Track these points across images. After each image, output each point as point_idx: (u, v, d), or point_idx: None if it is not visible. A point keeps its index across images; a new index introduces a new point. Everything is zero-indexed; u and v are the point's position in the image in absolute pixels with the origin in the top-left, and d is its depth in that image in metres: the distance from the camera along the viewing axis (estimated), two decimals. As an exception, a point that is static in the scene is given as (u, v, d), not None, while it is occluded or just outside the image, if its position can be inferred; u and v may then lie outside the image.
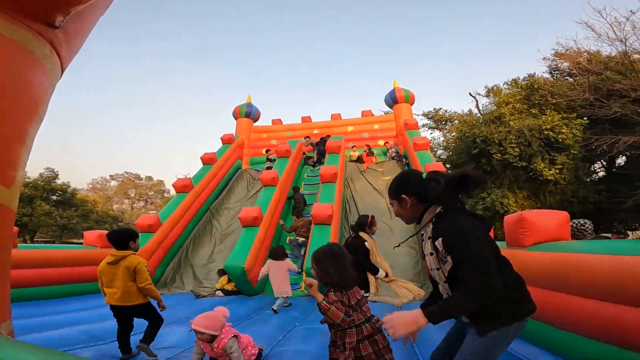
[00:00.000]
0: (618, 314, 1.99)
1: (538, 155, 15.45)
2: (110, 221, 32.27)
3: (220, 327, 2.88)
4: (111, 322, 3.61)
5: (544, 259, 2.81)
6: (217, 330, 2.84)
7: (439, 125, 24.58)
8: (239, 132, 14.89)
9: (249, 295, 6.93)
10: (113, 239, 3.44)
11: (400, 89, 14.30)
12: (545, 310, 2.71)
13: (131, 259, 3.35)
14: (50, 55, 1.73)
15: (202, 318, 2.86)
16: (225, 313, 3.02)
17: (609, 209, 17.51)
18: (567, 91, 17.20)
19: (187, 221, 9.84)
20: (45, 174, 27.80)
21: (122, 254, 3.35)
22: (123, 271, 3.28)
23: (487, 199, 16.00)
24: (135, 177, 49.31)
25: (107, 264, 3.34)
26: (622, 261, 2.02)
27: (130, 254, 3.41)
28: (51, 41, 1.69)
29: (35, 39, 1.62)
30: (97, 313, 5.04)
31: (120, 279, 3.27)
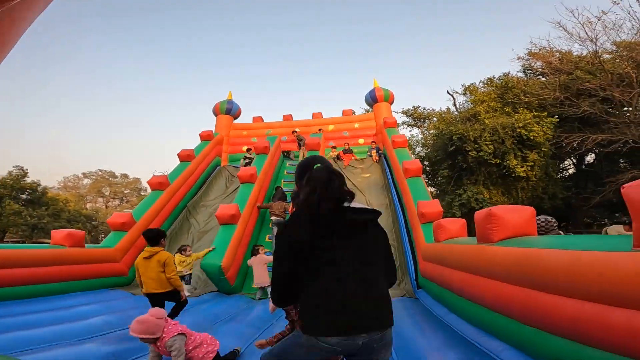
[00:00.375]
0: (575, 309, 2.06)
1: (511, 152, 15.93)
2: (84, 220, 31.26)
3: (156, 329, 2.89)
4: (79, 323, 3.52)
5: (509, 253, 2.90)
6: (153, 332, 2.87)
7: (418, 123, 24.97)
8: (218, 129, 14.66)
9: (226, 293, 6.85)
10: (148, 236, 4.09)
11: (380, 88, 14.42)
12: (510, 305, 2.80)
13: (161, 254, 4.01)
14: None
15: (136, 323, 2.88)
16: (159, 314, 2.99)
17: (577, 205, 18.25)
18: (538, 90, 17.77)
19: (163, 219, 9.63)
20: (14, 172, 26.67)
21: (155, 250, 4.01)
22: (155, 264, 3.95)
23: (463, 195, 16.40)
24: (109, 175, 47.87)
25: (142, 258, 4.01)
26: (578, 256, 2.10)
27: (161, 249, 4.07)
28: None
29: None
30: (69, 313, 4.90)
31: (153, 271, 3.95)
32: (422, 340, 3.49)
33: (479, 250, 3.52)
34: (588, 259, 2.02)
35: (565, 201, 18.01)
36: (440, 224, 5.57)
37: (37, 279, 6.02)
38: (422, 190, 8.32)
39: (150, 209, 9.18)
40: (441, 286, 4.90)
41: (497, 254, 3.10)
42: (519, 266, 2.67)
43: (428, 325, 4.10)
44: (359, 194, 10.19)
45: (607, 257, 1.92)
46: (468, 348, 3.13)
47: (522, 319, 2.64)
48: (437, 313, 4.70)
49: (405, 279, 7.07)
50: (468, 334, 3.48)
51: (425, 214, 7.03)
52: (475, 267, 3.58)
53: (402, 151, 10.41)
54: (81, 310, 5.28)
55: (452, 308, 4.40)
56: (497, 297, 3.01)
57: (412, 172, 8.77)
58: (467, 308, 3.79)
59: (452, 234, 5.39)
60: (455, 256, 4.29)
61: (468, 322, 3.76)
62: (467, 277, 3.72)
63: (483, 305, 3.35)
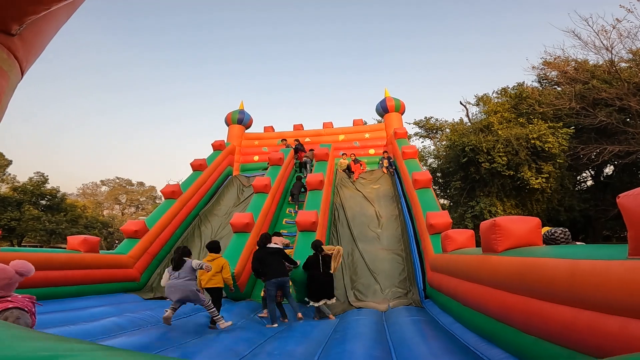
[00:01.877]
0: (572, 317, 2.06)
1: (525, 164, 15.66)
2: (100, 226, 31.95)
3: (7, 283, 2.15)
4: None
5: (511, 263, 2.90)
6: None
7: (430, 134, 24.85)
8: (230, 139, 14.93)
9: (235, 300, 6.93)
10: (212, 247, 5.44)
11: (391, 98, 14.49)
12: (511, 314, 2.79)
13: (221, 259, 5.35)
14: (7, 59, 1.90)
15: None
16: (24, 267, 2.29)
17: (595, 217, 17.76)
18: (554, 100, 17.47)
19: (175, 227, 9.83)
20: (34, 178, 27.54)
21: (216, 256, 5.35)
22: (215, 267, 5.15)
23: (475, 207, 16.17)
24: (126, 183, 48.92)
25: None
26: (576, 265, 2.10)
27: (220, 256, 5.43)
28: (8, 46, 1.87)
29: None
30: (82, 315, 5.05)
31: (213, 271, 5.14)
32: (423, 347, 3.50)
33: (482, 260, 3.53)
34: (585, 268, 2.03)
35: (582, 213, 17.56)
36: (448, 235, 5.56)
37: (53, 281, 6.23)
38: (432, 201, 8.29)
39: (163, 217, 9.38)
40: (447, 296, 4.87)
41: (499, 263, 3.10)
42: (520, 275, 2.68)
43: (432, 333, 4.09)
44: (368, 205, 10.20)
45: (602, 265, 1.93)
46: (467, 355, 3.13)
47: (523, 328, 2.63)
48: (443, 322, 4.68)
49: (412, 289, 7.02)
50: (470, 342, 3.47)
51: (434, 225, 7.00)
52: (478, 276, 3.58)
53: (412, 162, 10.41)
54: (94, 312, 5.45)
55: (457, 317, 4.38)
56: (499, 306, 3.01)
57: (422, 183, 8.76)
58: (471, 317, 3.77)
59: (459, 244, 5.37)
60: (460, 266, 4.28)
61: (471, 330, 3.75)
62: (471, 286, 3.72)
63: (485, 314, 3.34)
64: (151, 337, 4.07)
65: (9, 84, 2.01)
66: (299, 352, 3.64)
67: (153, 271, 8.76)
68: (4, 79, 1.94)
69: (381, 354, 3.48)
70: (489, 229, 3.46)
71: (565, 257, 2.27)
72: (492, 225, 3.40)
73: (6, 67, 1.92)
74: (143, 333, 4.22)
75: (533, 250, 2.86)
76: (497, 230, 3.36)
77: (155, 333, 4.28)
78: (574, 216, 17.26)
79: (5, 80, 1.96)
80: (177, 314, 4.98)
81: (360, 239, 8.79)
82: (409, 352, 3.40)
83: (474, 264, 3.77)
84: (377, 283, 7.27)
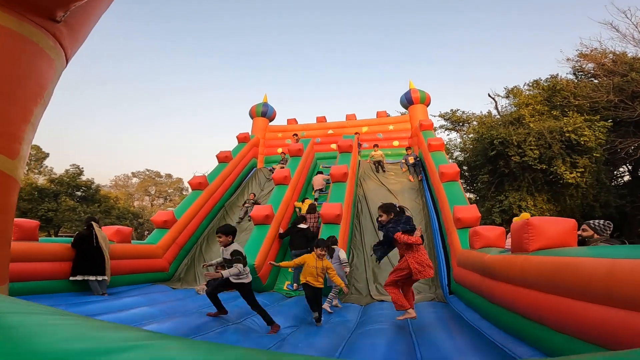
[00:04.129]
0: (609, 316, 1.99)
1: (559, 157, 15.01)
2: (131, 217, 33.17)
3: None
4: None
5: (543, 262, 2.80)
6: None
7: (456, 127, 24.22)
8: (254, 131, 15.10)
9: (257, 291, 7.04)
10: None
11: (416, 89, 14.20)
12: (542, 312, 2.70)
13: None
14: (54, 47, 1.95)
15: None
16: None
17: (632, 214, 16.89)
18: (590, 92, 16.65)
19: (202, 218, 10.07)
20: (70, 170, 28.84)
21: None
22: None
23: (504, 202, 15.68)
24: (155, 175, 50.52)
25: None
26: (614, 264, 2.03)
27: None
28: (54, 34, 1.92)
29: (39, 32, 1.87)
30: (114, 304, 5.28)
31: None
32: (448, 342, 3.44)
33: (513, 258, 3.43)
34: (624, 267, 1.95)
35: (618, 210, 16.70)
36: (477, 231, 5.41)
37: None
38: (459, 195, 8.09)
39: (191, 207, 9.63)
40: (474, 292, 4.76)
41: (531, 262, 3.01)
42: (554, 274, 2.59)
43: (457, 329, 4.01)
44: (392, 198, 10.08)
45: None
46: (495, 352, 3.06)
47: (554, 326, 2.56)
48: (468, 318, 4.58)
49: (436, 284, 6.91)
50: (497, 339, 3.39)
51: (461, 219, 6.84)
52: (508, 274, 3.48)
53: (438, 154, 10.18)
54: (126, 301, 5.65)
55: (483, 314, 4.28)
56: (530, 304, 2.93)
57: (449, 176, 8.56)
58: (498, 314, 3.68)
59: (488, 242, 5.20)
60: (489, 264, 4.16)
61: (499, 328, 3.66)
62: (500, 284, 3.62)
63: (514, 311, 3.25)
64: (181, 325, 4.19)
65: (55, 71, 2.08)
66: (323, 345, 3.66)
67: (181, 261, 9.02)
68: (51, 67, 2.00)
69: (405, 348, 3.45)
70: (521, 228, 3.36)
71: (602, 257, 2.20)
72: (525, 225, 3.31)
73: (53, 55, 1.98)
74: (172, 321, 4.35)
75: (566, 250, 2.77)
76: (529, 229, 3.26)
77: (184, 321, 4.40)
78: (610, 212, 16.43)
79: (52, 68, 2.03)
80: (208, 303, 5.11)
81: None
82: (434, 348, 3.35)
83: (503, 263, 3.67)
84: (401, 277, 7.19)
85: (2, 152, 1.79)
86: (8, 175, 1.84)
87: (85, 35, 2.30)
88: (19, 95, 1.83)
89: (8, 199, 1.90)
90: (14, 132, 1.83)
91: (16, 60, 1.78)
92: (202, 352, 0.73)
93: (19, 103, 1.84)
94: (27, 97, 1.88)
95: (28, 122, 1.92)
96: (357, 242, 8.53)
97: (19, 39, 1.77)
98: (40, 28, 1.86)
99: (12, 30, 1.73)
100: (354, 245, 8.45)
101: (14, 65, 1.77)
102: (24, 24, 1.78)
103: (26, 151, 2.01)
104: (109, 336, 0.78)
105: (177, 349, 0.74)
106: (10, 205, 1.94)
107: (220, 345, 0.79)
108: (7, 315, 0.86)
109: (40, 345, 0.69)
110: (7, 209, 1.91)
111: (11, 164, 1.84)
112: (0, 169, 1.79)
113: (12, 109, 1.79)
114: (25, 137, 1.93)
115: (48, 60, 1.97)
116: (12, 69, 1.76)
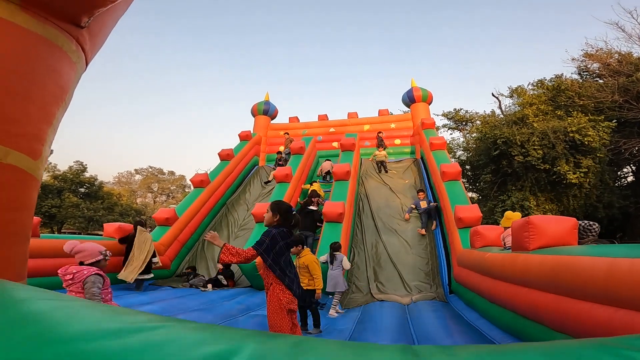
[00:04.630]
0: (608, 316, 1.98)
1: (562, 158, 14.94)
2: (134, 214, 33.30)
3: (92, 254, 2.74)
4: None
5: (543, 261, 2.79)
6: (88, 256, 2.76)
7: (459, 126, 24.13)
8: (256, 129, 15.11)
9: (258, 289, 7.06)
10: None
11: (418, 88, 14.14)
12: (542, 312, 2.69)
13: None
14: (76, 50, 2.00)
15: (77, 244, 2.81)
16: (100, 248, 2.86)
17: (635, 215, 16.79)
18: (595, 93, 16.54)
19: (204, 215, 10.09)
20: (74, 167, 28.96)
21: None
22: None
23: (507, 201, 15.63)
24: (158, 172, 50.64)
25: None
26: (614, 263, 2.01)
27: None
28: (77, 38, 1.98)
29: (63, 36, 1.93)
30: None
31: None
32: (447, 341, 3.45)
33: (513, 256, 3.41)
34: (623, 266, 1.94)
35: (622, 210, 16.61)
36: (478, 231, 5.40)
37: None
38: (461, 194, 8.06)
39: (192, 205, 9.64)
40: (474, 292, 4.75)
41: (531, 261, 3.00)
42: (553, 273, 2.58)
43: (456, 328, 4.01)
44: (394, 197, 10.07)
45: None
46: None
47: (554, 326, 2.55)
48: (468, 318, 4.58)
49: (437, 283, 6.91)
50: (496, 339, 3.39)
51: (463, 219, 6.82)
52: (508, 273, 3.47)
53: (440, 154, 10.15)
54: (128, 300, 5.67)
55: (483, 313, 4.27)
56: (530, 303, 2.92)
57: (451, 176, 8.52)
58: (498, 314, 3.68)
59: (489, 241, 5.21)
60: (489, 263, 4.15)
61: (498, 327, 3.66)
62: (500, 283, 3.62)
63: (514, 311, 3.24)
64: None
65: (76, 74, 2.13)
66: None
67: (182, 259, 9.04)
68: (72, 69, 2.05)
69: (399, 335, 3.45)
70: (522, 227, 3.35)
71: (601, 256, 2.19)
72: (526, 224, 3.30)
73: (75, 59, 2.03)
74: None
75: (566, 249, 2.75)
76: (530, 228, 3.26)
77: (187, 318, 4.42)
78: (613, 213, 16.35)
79: (73, 71, 2.08)
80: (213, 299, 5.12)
81: (384, 231, 8.71)
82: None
83: (504, 261, 3.66)
84: (400, 276, 7.19)
85: (25, 152, 1.81)
86: (31, 175, 1.88)
87: (104, 39, 2.36)
88: (42, 97, 1.86)
89: (30, 197, 1.96)
90: (36, 133, 1.86)
91: (39, 62, 1.82)
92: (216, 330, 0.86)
93: (42, 105, 1.88)
94: (49, 99, 1.92)
95: (50, 124, 1.96)
96: (358, 241, 8.53)
97: (43, 42, 1.81)
98: (64, 32, 1.91)
99: (35, 33, 1.77)
100: (355, 244, 8.45)
101: (36, 68, 1.81)
102: (48, 27, 1.82)
103: (47, 152, 2.06)
104: (133, 319, 0.88)
105: (192, 329, 0.85)
106: (31, 202, 1.99)
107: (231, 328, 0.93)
108: (40, 302, 0.96)
109: (73, 326, 0.79)
110: (29, 206, 1.96)
111: (33, 164, 1.87)
112: (24, 168, 1.82)
113: (34, 111, 1.83)
114: (47, 138, 1.97)
115: (70, 64, 2.02)
116: (35, 71, 1.80)
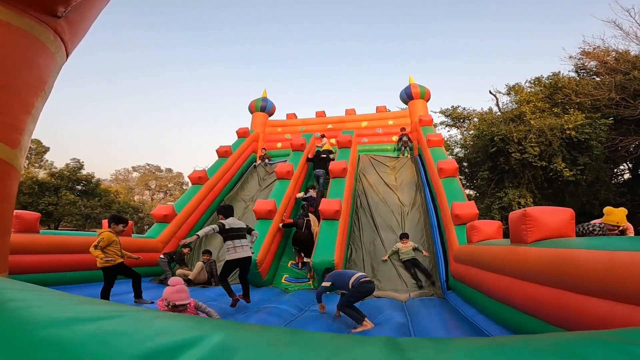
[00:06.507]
0: (607, 310, 1.98)
1: (559, 155, 15.01)
2: (131, 211, 33.21)
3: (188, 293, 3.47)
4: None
5: (541, 254, 2.79)
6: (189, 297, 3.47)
7: (457, 123, 24.16)
8: (254, 126, 15.08)
9: (257, 286, 7.06)
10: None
11: (416, 84, 14.14)
12: (539, 306, 2.70)
13: None
14: (54, 41, 1.99)
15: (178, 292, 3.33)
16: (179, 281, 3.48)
17: (631, 212, 16.89)
18: (592, 90, 16.60)
19: (202, 212, 10.08)
20: (71, 165, 28.83)
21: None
22: None
23: (504, 198, 15.69)
24: (155, 169, 50.51)
25: None
26: (612, 257, 2.01)
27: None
28: (55, 28, 1.96)
29: (40, 26, 1.92)
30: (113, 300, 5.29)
31: None
32: (445, 336, 3.45)
33: (511, 250, 3.42)
34: (622, 259, 1.94)
35: (618, 207, 16.71)
36: (474, 225, 5.41)
37: (88, 265, 6.50)
38: (458, 191, 8.08)
39: (190, 201, 9.63)
40: (471, 287, 4.78)
41: (529, 254, 3.00)
42: (551, 266, 2.58)
43: (453, 324, 4.03)
44: (391, 193, 10.09)
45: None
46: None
47: (552, 320, 2.55)
48: (466, 313, 4.60)
49: (434, 280, 6.94)
50: (494, 334, 3.40)
51: (459, 216, 6.83)
52: (506, 267, 3.48)
53: (437, 150, 10.16)
54: (127, 297, 5.66)
55: (481, 309, 4.29)
56: (528, 297, 2.93)
57: (448, 172, 8.54)
58: (496, 309, 3.69)
59: (486, 235, 5.22)
60: (487, 257, 4.17)
61: (496, 322, 3.67)
62: (498, 277, 3.63)
63: (512, 306, 3.25)
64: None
65: (55, 65, 2.12)
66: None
67: (180, 255, 9.03)
68: (50, 60, 2.05)
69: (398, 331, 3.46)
70: (519, 219, 3.34)
71: (600, 249, 2.18)
72: (523, 216, 3.29)
73: (53, 49, 2.03)
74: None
75: (565, 242, 2.75)
76: (527, 220, 3.25)
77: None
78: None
79: (52, 61, 2.07)
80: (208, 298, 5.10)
81: (382, 227, 8.73)
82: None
83: (501, 255, 3.67)
84: (398, 273, 7.22)
85: (2, 141, 1.81)
86: (9, 164, 1.88)
87: (86, 30, 2.34)
88: (19, 87, 1.86)
89: (8, 187, 1.94)
90: (14, 123, 1.87)
91: (15, 53, 1.82)
92: (188, 320, 0.86)
93: (19, 95, 1.88)
94: (28, 89, 1.93)
95: (29, 113, 1.97)
96: (356, 238, 8.55)
97: (19, 33, 1.81)
98: (41, 23, 1.91)
99: (11, 24, 1.77)
100: (352, 240, 8.46)
101: (13, 58, 1.81)
102: (23, 18, 1.82)
103: (27, 142, 2.06)
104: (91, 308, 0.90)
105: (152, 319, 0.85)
106: (10, 193, 1.97)
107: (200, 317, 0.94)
108: (5, 291, 0.98)
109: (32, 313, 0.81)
110: (8, 197, 1.95)
111: (12, 153, 1.88)
112: (1, 157, 1.82)
113: (11, 101, 1.83)
114: (26, 128, 1.98)
115: (48, 54, 2.02)
116: (11, 61, 1.80)
